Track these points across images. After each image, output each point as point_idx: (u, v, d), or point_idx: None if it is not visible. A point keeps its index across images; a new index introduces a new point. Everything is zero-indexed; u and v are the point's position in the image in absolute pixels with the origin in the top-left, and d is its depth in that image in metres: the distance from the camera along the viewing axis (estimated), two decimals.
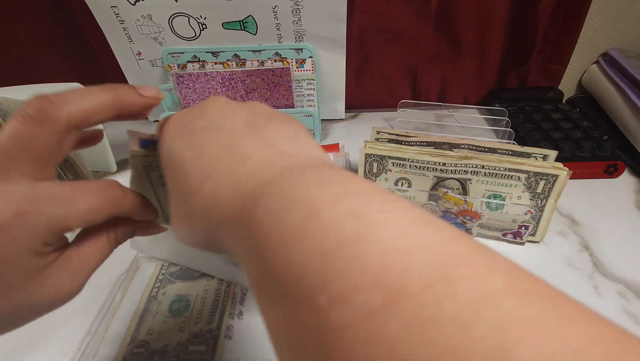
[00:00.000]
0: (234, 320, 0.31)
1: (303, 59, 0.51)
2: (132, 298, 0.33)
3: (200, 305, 0.32)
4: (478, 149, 0.39)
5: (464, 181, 0.38)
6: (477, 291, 0.09)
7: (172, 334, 0.30)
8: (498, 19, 0.54)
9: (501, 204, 0.37)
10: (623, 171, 0.47)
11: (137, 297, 0.33)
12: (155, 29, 0.49)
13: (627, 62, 0.54)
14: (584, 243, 0.39)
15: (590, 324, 0.09)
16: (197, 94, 0.52)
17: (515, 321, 0.09)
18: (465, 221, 0.39)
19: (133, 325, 0.30)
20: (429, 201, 0.38)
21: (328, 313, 0.10)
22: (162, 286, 0.33)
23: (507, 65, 0.60)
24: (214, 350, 0.29)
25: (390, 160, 0.38)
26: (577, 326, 0.09)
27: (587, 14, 0.52)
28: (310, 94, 0.54)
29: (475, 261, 0.10)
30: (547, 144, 0.49)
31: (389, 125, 0.60)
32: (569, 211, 0.43)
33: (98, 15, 0.48)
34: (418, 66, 0.59)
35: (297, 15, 0.48)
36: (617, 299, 0.34)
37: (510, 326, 0.08)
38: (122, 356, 0.28)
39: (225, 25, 0.49)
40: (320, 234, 0.11)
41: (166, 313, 0.31)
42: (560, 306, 0.09)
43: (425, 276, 0.10)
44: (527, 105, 0.57)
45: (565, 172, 0.35)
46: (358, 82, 0.60)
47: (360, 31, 0.54)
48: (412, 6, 0.52)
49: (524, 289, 0.10)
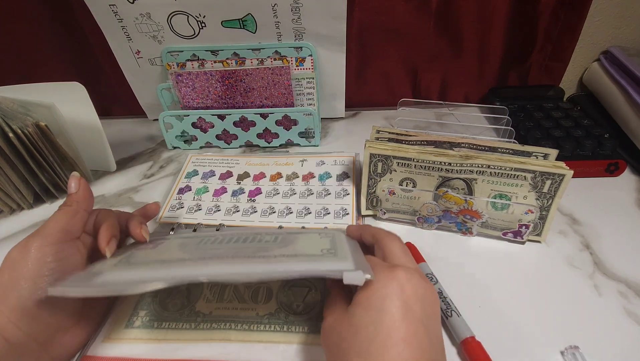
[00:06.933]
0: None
1: (303, 58, 0.51)
2: None
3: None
4: (478, 148, 0.39)
5: (469, 181, 0.38)
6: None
7: None
8: (499, 16, 0.54)
9: (506, 204, 0.37)
10: (624, 170, 0.47)
11: None
12: (154, 28, 0.49)
13: (628, 60, 0.54)
14: (585, 242, 0.39)
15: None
16: (197, 92, 0.52)
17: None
18: (465, 220, 0.38)
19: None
20: (432, 201, 0.38)
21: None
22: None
23: (508, 63, 0.59)
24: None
25: (395, 160, 0.38)
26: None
27: (589, 11, 0.52)
28: (310, 93, 0.54)
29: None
30: (547, 143, 0.48)
31: (389, 123, 0.60)
32: (569, 210, 0.43)
33: (97, 14, 0.47)
34: (418, 64, 0.59)
35: (296, 14, 0.48)
36: (618, 298, 0.34)
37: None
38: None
39: (224, 23, 0.49)
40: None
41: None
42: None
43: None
44: (528, 103, 0.57)
45: (571, 172, 0.34)
46: (358, 81, 0.60)
47: (360, 29, 0.54)
48: (412, 4, 0.52)
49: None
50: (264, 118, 0.52)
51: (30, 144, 0.41)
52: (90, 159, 0.49)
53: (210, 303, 0.33)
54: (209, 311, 0.32)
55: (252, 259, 0.26)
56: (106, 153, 0.49)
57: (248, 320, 0.31)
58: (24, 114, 0.42)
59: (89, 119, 0.45)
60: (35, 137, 0.41)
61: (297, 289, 0.34)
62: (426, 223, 0.40)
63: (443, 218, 0.39)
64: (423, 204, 0.39)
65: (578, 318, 0.32)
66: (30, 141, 0.41)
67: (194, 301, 0.33)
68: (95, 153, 0.49)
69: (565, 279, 0.35)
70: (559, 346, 0.30)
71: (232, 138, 0.54)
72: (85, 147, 0.47)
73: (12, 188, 0.43)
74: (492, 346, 0.29)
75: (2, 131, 0.39)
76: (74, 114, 0.44)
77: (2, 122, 0.39)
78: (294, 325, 0.31)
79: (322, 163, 0.49)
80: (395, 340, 0.20)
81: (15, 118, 0.41)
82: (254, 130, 0.53)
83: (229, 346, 0.30)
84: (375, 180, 0.40)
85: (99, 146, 0.48)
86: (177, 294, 0.34)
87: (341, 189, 0.45)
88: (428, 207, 0.39)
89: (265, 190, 0.46)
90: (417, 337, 0.21)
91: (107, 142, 0.48)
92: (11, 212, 0.45)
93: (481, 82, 0.61)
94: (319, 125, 0.53)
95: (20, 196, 0.44)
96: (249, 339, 0.30)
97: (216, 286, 0.34)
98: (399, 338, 0.21)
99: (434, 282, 0.34)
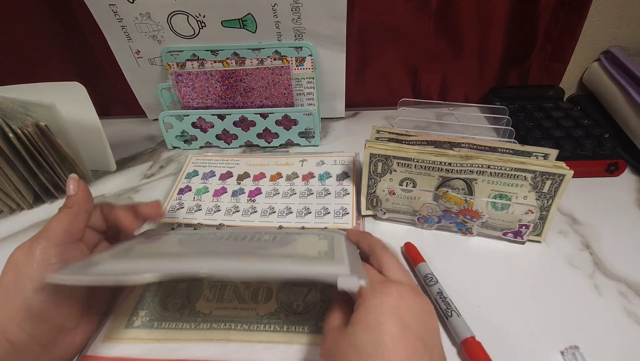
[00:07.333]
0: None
1: (303, 58, 0.51)
2: None
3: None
4: (479, 148, 0.39)
5: (469, 181, 0.37)
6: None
7: None
8: (499, 16, 0.54)
9: (507, 205, 0.37)
10: (624, 170, 0.47)
11: None
12: (154, 27, 0.49)
13: (628, 60, 0.54)
14: (585, 242, 0.39)
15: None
16: (197, 92, 0.52)
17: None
18: (465, 220, 0.38)
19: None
20: (432, 201, 0.38)
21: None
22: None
23: (508, 63, 0.59)
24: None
25: (396, 160, 0.38)
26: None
27: (589, 11, 0.52)
28: (310, 93, 0.54)
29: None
30: (548, 143, 0.48)
31: (389, 123, 0.60)
32: (569, 210, 0.43)
33: (97, 13, 0.47)
34: (418, 64, 0.59)
35: (296, 13, 0.48)
36: (618, 298, 0.34)
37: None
38: None
39: (224, 23, 0.49)
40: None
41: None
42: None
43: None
44: (528, 103, 0.57)
45: (572, 172, 0.34)
46: (358, 81, 0.60)
47: (360, 29, 0.54)
48: (412, 4, 0.52)
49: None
50: (264, 118, 0.52)
51: (30, 144, 0.41)
52: (90, 159, 0.49)
53: (210, 303, 0.33)
54: (209, 311, 0.32)
55: (249, 256, 0.26)
56: (106, 153, 0.49)
57: (248, 319, 0.31)
58: (24, 114, 0.42)
59: (89, 119, 0.45)
60: (35, 137, 0.41)
61: (297, 289, 0.34)
62: (426, 223, 0.40)
63: (443, 218, 0.39)
64: (423, 204, 0.39)
65: (578, 318, 0.32)
66: (30, 141, 0.41)
67: (194, 301, 0.33)
68: (95, 153, 0.49)
69: (565, 279, 0.35)
70: (559, 346, 0.30)
71: (232, 138, 0.54)
72: (85, 147, 0.47)
73: (12, 187, 0.43)
74: (492, 346, 0.29)
75: (2, 131, 0.39)
76: (74, 114, 0.44)
77: (2, 122, 0.39)
78: (294, 325, 0.31)
79: (322, 163, 0.49)
80: (396, 357, 0.21)
81: (15, 118, 0.41)
82: (254, 130, 0.53)
83: (229, 346, 0.30)
84: (375, 180, 0.40)
85: (99, 146, 0.48)
86: (177, 294, 0.34)
87: (341, 189, 0.45)
88: (428, 207, 0.39)
89: (265, 190, 0.46)
90: (416, 354, 0.21)
91: (107, 142, 0.48)
92: (11, 212, 0.45)
93: (481, 82, 0.61)
94: (319, 125, 0.53)
95: (20, 196, 0.44)
96: (249, 339, 0.30)
97: (216, 286, 0.34)
98: (400, 357, 0.21)
99: (434, 282, 0.34)
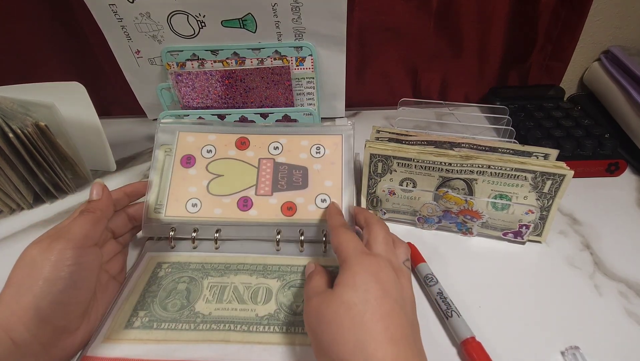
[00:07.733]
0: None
1: (303, 57, 0.51)
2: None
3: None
4: (479, 148, 0.39)
5: (469, 181, 0.37)
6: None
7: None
8: (499, 16, 0.54)
9: (507, 205, 0.37)
10: (624, 170, 0.47)
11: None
12: (153, 27, 0.49)
13: (629, 60, 0.54)
14: (585, 242, 0.39)
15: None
16: (196, 92, 0.52)
17: None
18: (465, 220, 0.38)
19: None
20: (432, 201, 0.38)
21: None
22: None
23: (508, 63, 0.59)
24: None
25: (396, 160, 0.38)
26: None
27: (589, 11, 0.52)
28: (310, 93, 0.54)
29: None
30: (548, 143, 0.48)
31: (390, 123, 0.60)
32: (570, 210, 0.43)
33: (96, 13, 0.47)
34: (418, 63, 0.59)
35: (296, 13, 0.47)
36: (618, 298, 0.33)
37: None
38: None
39: (224, 23, 0.49)
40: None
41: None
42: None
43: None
44: (528, 103, 0.57)
45: (572, 172, 0.34)
46: (358, 81, 0.60)
47: (361, 29, 0.54)
48: (412, 4, 0.52)
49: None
50: (264, 118, 0.51)
51: (30, 144, 0.41)
52: (90, 159, 0.49)
53: (210, 304, 0.33)
54: (209, 312, 0.32)
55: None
56: (106, 153, 0.49)
57: (247, 320, 0.31)
58: (24, 114, 0.42)
59: (88, 119, 0.45)
60: (35, 137, 0.41)
61: (297, 289, 0.34)
62: (426, 223, 0.40)
63: (443, 218, 0.39)
64: (423, 204, 0.39)
65: (578, 318, 0.32)
66: (30, 141, 0.41)
67: (193, 302, 0.33)
68: (95, 153, 0.49)
69: (565, 279, 0.35)
70: (559, 347, 0.30)
71: None
72: (85, 147, 0.47)
73: (12, 188, 0.43)
74: (492, 346, 0.29)
75: (2, 131, 0.39)
76: (74, 114, 0.44)
77: (2, 122, 0.39)
78: (293, 326, 0.31)
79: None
80: (380, 315, 0.23)
81: (15, 118, 0.41)
82: None
83: (229, 347, 0.29)
84: (376, 180, 0.40)
85: (99, 146, 0.48)
86: (176, 295, 0.34)
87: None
88: (428, 207, 0.39)
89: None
90: (394, 314, 0.24)
91: (107, 142, 0.48)
92: (11, 212, 0.45)
93: (481, 82, 0.61)
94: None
95: (20, 196, 0.44)
96: (248, 340, 0.30)
97: (216, 287, 0.34)
98: (383, 314, 0.24)
99: (434, 282, 0.34)
